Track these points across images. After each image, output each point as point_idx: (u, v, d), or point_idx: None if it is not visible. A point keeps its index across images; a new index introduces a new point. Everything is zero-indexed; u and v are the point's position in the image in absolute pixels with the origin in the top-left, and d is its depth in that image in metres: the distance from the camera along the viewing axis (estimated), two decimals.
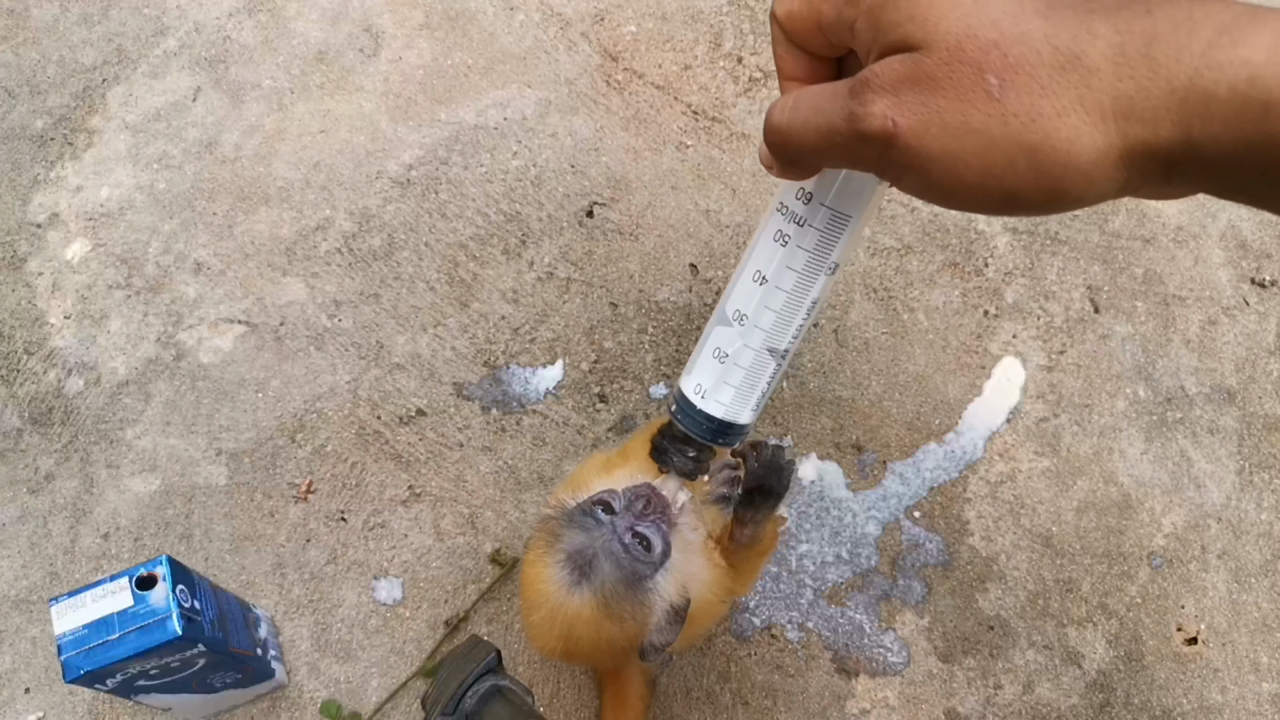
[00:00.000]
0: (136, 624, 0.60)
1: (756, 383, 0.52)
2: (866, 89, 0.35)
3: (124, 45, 1.42)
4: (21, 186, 1.34)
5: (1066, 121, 0.31)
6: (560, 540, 0.74)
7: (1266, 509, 1.22)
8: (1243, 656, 1.16)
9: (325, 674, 1.11)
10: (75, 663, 0.58)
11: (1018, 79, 0.31)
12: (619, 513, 0.75)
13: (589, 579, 0.72)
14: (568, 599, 0.72)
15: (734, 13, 1.45)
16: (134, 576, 0.62)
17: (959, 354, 1.27)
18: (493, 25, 1.43)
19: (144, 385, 1.22)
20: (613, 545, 0.73)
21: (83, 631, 0.59)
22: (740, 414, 0.53)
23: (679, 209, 1.33)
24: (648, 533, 0.74)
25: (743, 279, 0.50)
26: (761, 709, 1.12)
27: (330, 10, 1.44)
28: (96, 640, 0.59)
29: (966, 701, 1.13)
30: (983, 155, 0.32)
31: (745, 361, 0.51)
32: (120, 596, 0.61)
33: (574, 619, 0.73)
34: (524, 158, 1.35)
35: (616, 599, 0.73)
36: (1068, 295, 1.30)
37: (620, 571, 0.72)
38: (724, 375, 0.52)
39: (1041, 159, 0.32)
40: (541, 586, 0.74)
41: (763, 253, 0.49)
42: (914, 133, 0.33)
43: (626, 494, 0.76)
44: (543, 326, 1.26)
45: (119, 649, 0.59)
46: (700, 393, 0.53)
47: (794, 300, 0.49)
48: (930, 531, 1.19)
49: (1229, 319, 1.30)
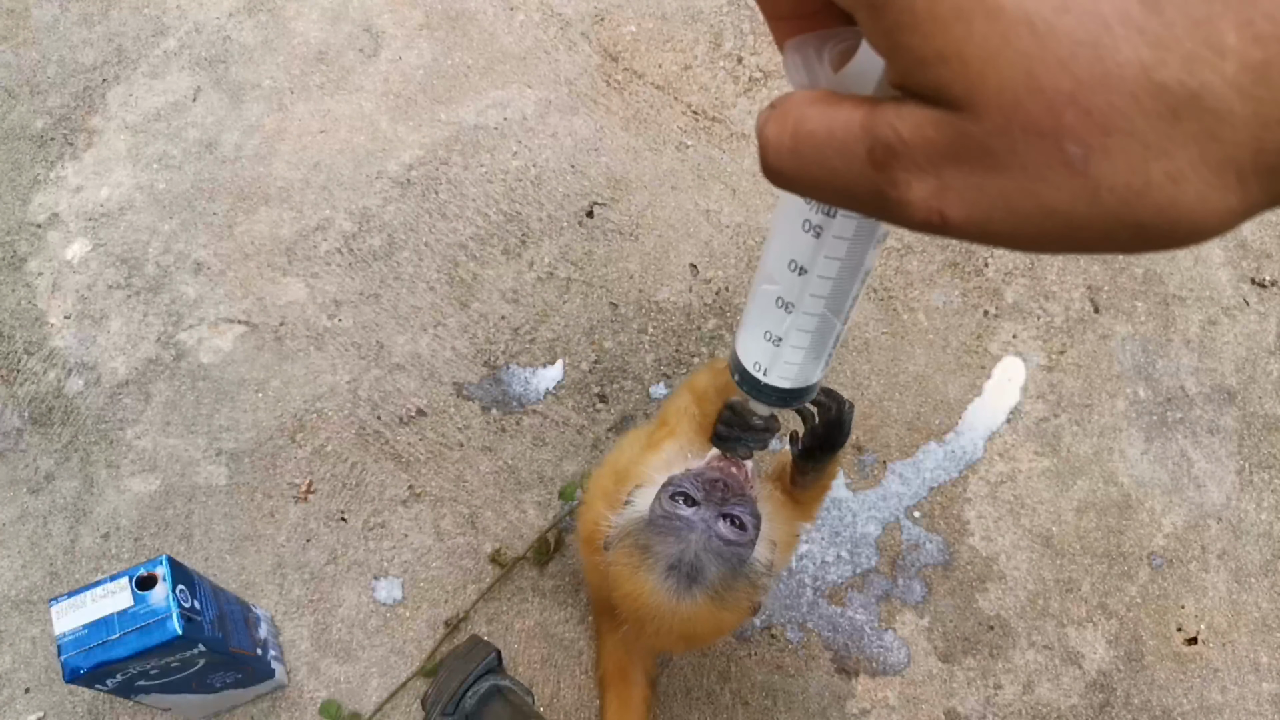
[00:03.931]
0: (136, 624, 0.60)
1: (820, 351, 0.49)
2: (894, 162, 0.26)
3: (124, 45, 1.42)
4: (21, 186, 1.34)
5: (1186, 189, 0.23)
6: (653, 549, 0.71)
7: (1266, 509, 1.22)
8: (1243, 656, 1.16)
9: (325, 674, 1.11)
10: (75, 662, 0.57)
11: (1109, 142, 0.22)
12: (701, 503, 0.72)
13: (699, 581, 0.70)
14: (681, 606, 0.71)
15: (734, 13, 1.45)
16: (134, 576, 0.62)
17: (959, 354, 1.27)
18: (493, 25, 1.43)
19: (144, 385, 1.22)
20: (711, 542, 0.71)
21: (83, 631, 0.59)
22: (810, 377, 0.50)
23: (679, 209, 1.32)
24: (737, 513, 0.72)
25: (777, 262, 0.46)
26: (761, 709, 1.12)
27: (330, 10, 1.44)
28: (96, 640, 0.58)
29: (966, 701, 1.13)
30: (1068, 236, 0.25)
31: (802, 342, 0.48)
32: (120, 597, 0.61)
33: (692, 620, 0.72)
34: (524, 158, 1.35)
35: (730, 589, 0.71)
36: (1068, 295, 1.30)
37: (727, 564, 0.71)
38: (781, 355, 0.49)
39: (1151, 232, 0.24)
40: (650, 600, 0.71)
41: (793, 241, 0.44)
42: (971, 222, 0.25)
43: (701, 481, 0.73)
44: (543, 326, 1.26)
45: (119, 649, 0.59)
46: (761, 370, 0.50)
47: (842, 283, 0.45)
48: (930, 531, 1.19)
49: (1229, 319, 1.30)
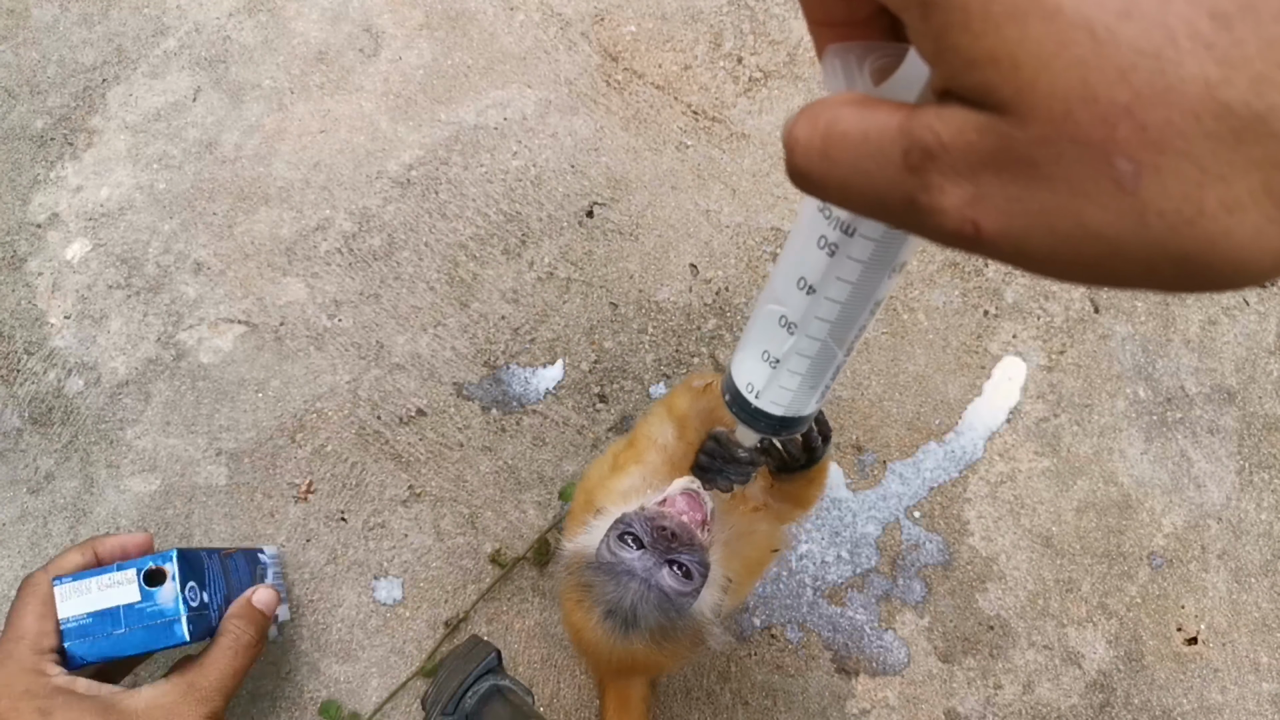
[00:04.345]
0: (143, 622, 0.59)
1: (818, 381, 0.46)
2: (931, 166, 0.24)
3: (124, 45, 1.42)
4: (21, 186, 1.34)
5: (1242, 220, 0.21)
6: (594, 590, 0.71)
7: (1266, 509, 1.22)
8: (1243, 656, 1.16)
9: (325, 674, 1.11)
10: (79, 651, 0.57)
11: (1163, 161, 0.21)
12: (647, 546, 0.71)
13: (635, 627, 0.70)
14: (619, 646, 0.71)
15: (734, 13, 1.45)
16: (142, 570, 0.61)
17: (959, 354, 1.27)
18: (493, 25, 1.43)
19: (144, 385, 1.22)
20: (650, 592, 0.70)
21: (87, 620, 0.57)
22: (803, 409, 0.47)
23: (679, 209, 1.32)
24: (683, 560, 0.71)
25: (786, 280, 0.42)
26: (761, 709, 1.12)
27: (330, 10, 1.44)
28: (101, 632, 0.57)
29: (966, 701, 1.13)
30: (1107, 263, 0.23)
31: (800, 368, 0.45)
32: (127, 589, 0.59)
33: (631, 658, 0.72)
34: (524, 158, 1.35)
35: (668, 635, 0.71)
36: (1068, 295, 1.30)
37: (665, 614, 0.70)
38: (777, 379, 0.46)
39: (1197, 267, 0.22)
40: (589, 637, 0.72)
41: (806, 257, 0.41)
42: (1005, 237, 0.24)
43: (650, 526, 0.71)
44: (543, 326, 1.26)
45: (124, 645, 0.58)
46: (753, 392, 0.47)
47: (850, 310, 0.42)
48: (930, 531, 1.19)
49: (1229, 319, 1.30)
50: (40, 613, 0.58)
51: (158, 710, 0.53)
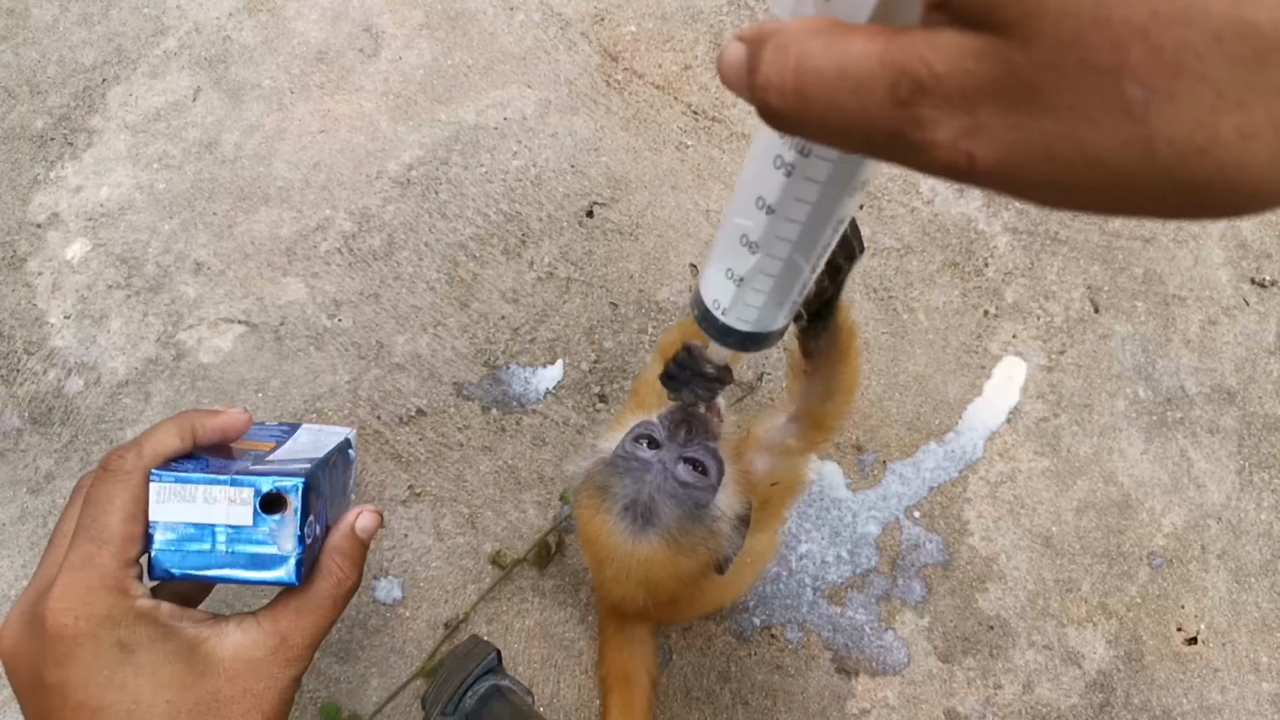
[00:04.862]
0: (248, 549, 0.49)
1: (784, 298, 0.45)
2: (922, 99, 0.23)
3: (124, 45, 1.42)
4: (21, 186, 1.34)
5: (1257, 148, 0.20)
6: (611, 489, 0.70)
7: (1266, 509, 1.22)
8: (1243, 656, 1.16)
9: (325, 673, 1.11)
10: (166, 563, 0.47)
11: (1177, 86, 0.19)
12: (664, 444, 0.71)
13: (653, 523, 0.69)
14: (637, 548, 0.69)
15: (734, 13, 1.45)
16: (261, 494, 0.50)
17: (959, 354, 1.27)
18: (493, 25, 1.43)
19: (144, 385, 1.22)
20: (667, 483, 0.69)
21: (184, 530, 0.48)
22: (770, 325, 0.46)
23: (679, 209, 1.32)
24: (699, 456, 0.70)
25: (745, 199, 0.41)
26: (761, 709, 1.12)
27: (330, 10, 1.44)
28: (196, 545, 0.48)
29: (966, 701, 1.13)
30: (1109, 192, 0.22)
31: (764, 286, 0.44)
32: (238, 510, 0.49)
33: (648, 564, 0.70)
34: (524, 158, 1.35)
35: (685, 534, 0.70)
36: (1068, 295, 1.30)
37: (682, 507, 0.69)
38: (742, 296, 0.45)
39: (1206, 195, 0.21)
40: (606, 541, 0.70)
41: (763, 178, 0.39)
42: (1001, 167, 0.23)
43: (665, 421, 0.72)
44: (543, 326, 1.26)
45: (220, 569, 0.48)
46: (720, 309, 0.46)
47: (811, 230, 0.41)
48: (930, 531, 1.19)
49: (1229, 319, 1.30)
50: (130, 513, 0.46)
51: (243, 665, 0.45)
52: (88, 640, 0.43)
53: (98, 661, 0.43)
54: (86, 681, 0.42)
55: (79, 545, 0.45)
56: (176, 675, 0.44)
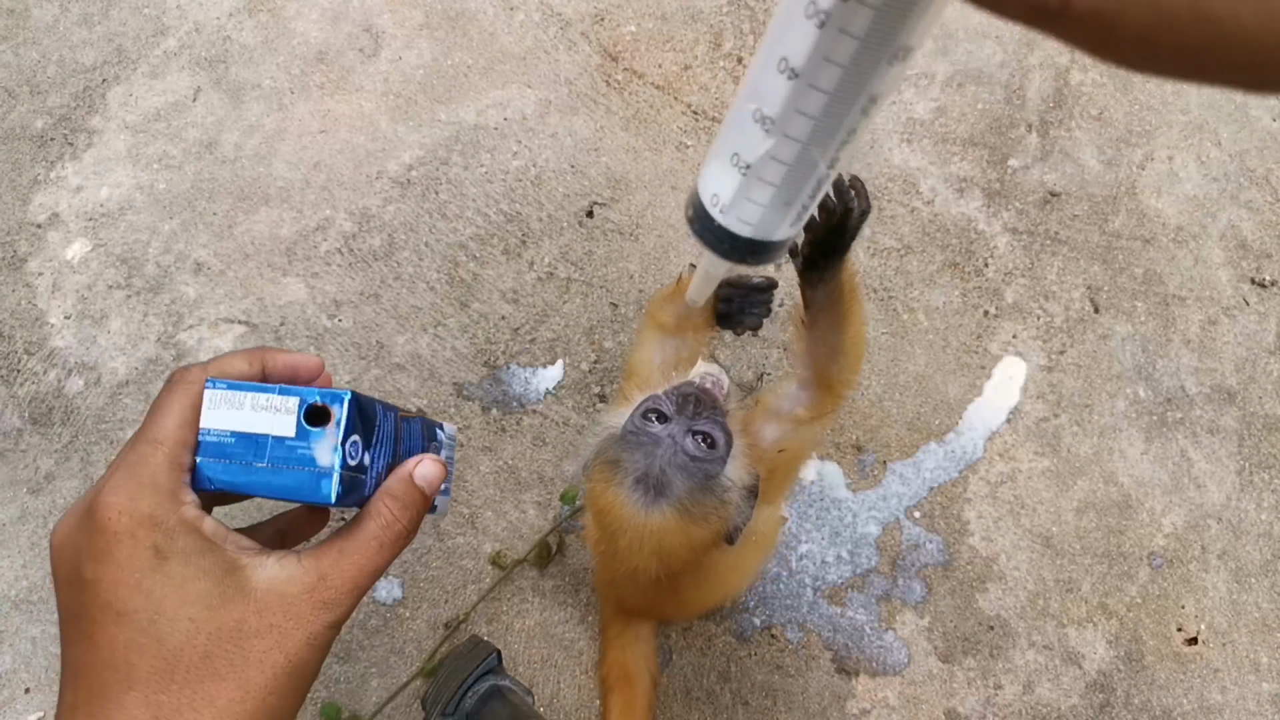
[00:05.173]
0: (289, 464, 0.48)
1: (792, 198, 0.38)
2: None
3: (124, 45, 1.42)
4: (21, 186, 1.33)
5: None
6: (622, 463, 0.72)
7: (1266, 509, 1.22)
8: (1243, 656, 1.16)
9: (325, 673, 1.11)
10: (209, 472, 0.46)
11: None
12: (672, 418, 0.73)
13: (665, 495, 0.70)
14: (649, 518, 0.71)
15: (734, 13, 1.45)
16: (306, 403, 0.48)
17: (959, 354, 1.27)
18: (493, 25, 1.43)
19: (144, 385, 1.22)
20: (677, 456, 0.71)
21: (229, 439, 0.47)
22: (774, 232, 0.40)
23: (679, 209, 1.32)
24: (707, 429, 0.72)
25: (764, 65, 0.35)
26: (761, 709, 1.12)
27: (330, 10, 1.44)
28: (240, 458, 0.47)
29: (966, 701, 1.13)
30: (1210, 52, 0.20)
31: (774, 176, 0.38)
32: (283, 419, 0.48)
33: (660, 533, 0.71)
34: (524, 158, 1.35)
35: (696, 504, 0.71)
36: (1068, 295, 1.30)
37: (693, 479, 0.71)
38: (746, 190, 0.39)
39: None
40: (619, 513, 0.72)
41: (790, 31, 0.34)
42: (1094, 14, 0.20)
43: (672, 396, 0.74)
44: (543, 326, 1.26)
45: (259, 482, 0.47)
46: (718, 205, 0.40)
47: (838, 104, 0.35)
48: (930, 531, 1.19)
49: (1229, 319, 1.30)
50: (187, 419, 0.45)
51: (274, 599, 0.43)
52: (127, 538, 0.41)
53: (132, 562, 0.41)
54: (117, 581, 0.41)
55: (136, 445, 0.44)
56: (204, 594, 0.42)
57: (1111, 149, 1.37)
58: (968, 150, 1.36)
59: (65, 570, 0.42)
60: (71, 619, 0.41)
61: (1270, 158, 1.38)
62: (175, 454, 0.45)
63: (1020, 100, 1.39)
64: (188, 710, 0.40)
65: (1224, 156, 1.38)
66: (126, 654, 0.40)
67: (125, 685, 0.39)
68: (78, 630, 0.41)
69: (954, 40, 1.42)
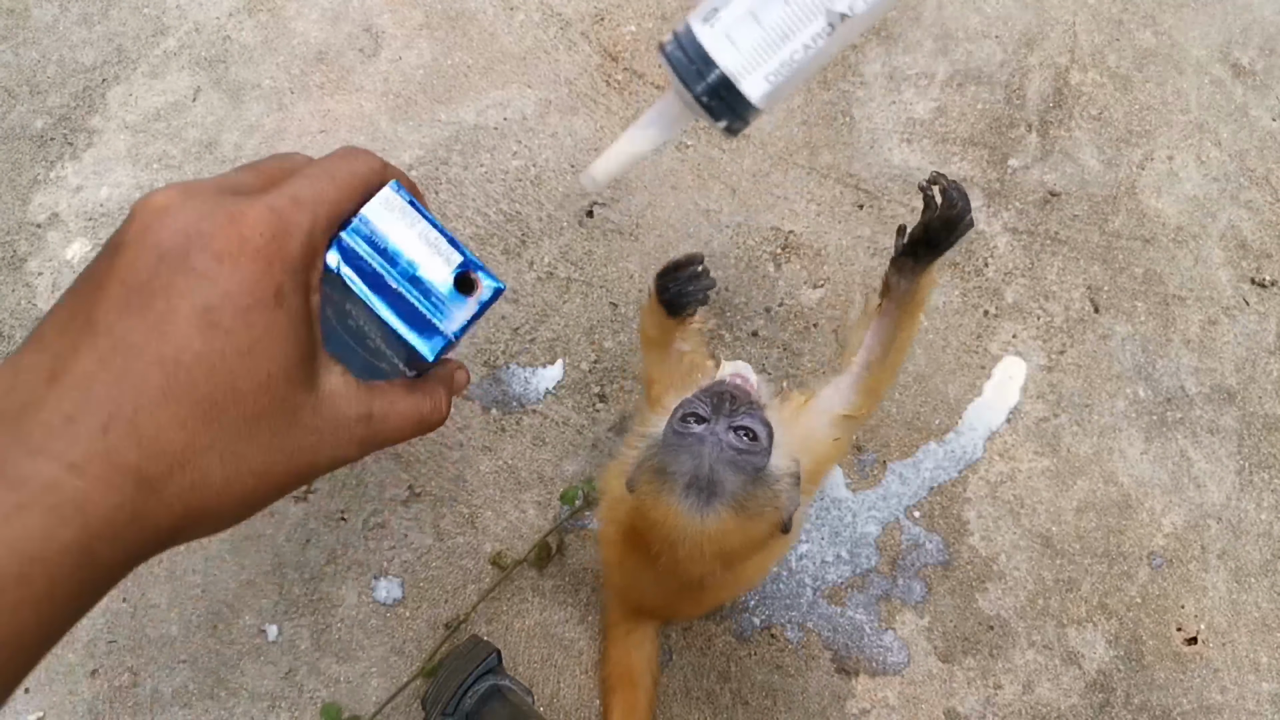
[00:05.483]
0: (414, 301, 0.44)
1: (789, 37, 0.37)
2: None
3: (124, 45, 1.42)
4: (21, 186, 1.34)
5: None
6: (669, 470, 0.72)
7: (1266, 509, 1.22)
8: (1243, 656, 1.16)
9: (325, 673, 1.11)
10: (347, 252, 0.42)
11: None
12: (710, 418, 0.73)
13: (718, 494, 0.70)
14: (706, 522, 0.71)
15: None
16: (466, 265, 0.45)
17: (959, 354, 1.27)
18: (493, 25, 1.43)
19: None
20: (724, 453, 0.71)
21: (380, 244, 0.43)
22: (750, 73, 0.38)
23: (679, 209, 1.32)
24: (748, 423, 0.73)
25: None
26: (761, 709, 1.12)
27: (330, 10, 1.44)
28: (375, 267, 0.43)
29: (966, 701, 1.13)
30: None
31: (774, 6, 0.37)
32: (437, 265, 0.45)
33: (720, 535, 0.71)
34: (524, 158, 1.35)
35: (751, 499, 0.71)
36: (1068, 295, 1.30)
37: (743, 473, 0.71)
38: (758, 6, 0.37)
39: None
40: (675, 521, 0.71)
41: None
42: None
43: (707, 398, 0.74)
44: (543, 326, 1.26)
45: (385, 294, 0.44)
46: (712, 19, 0.37)
47: None
48: (930, 531, 1.19)
49: (1229, 319, 1.30)
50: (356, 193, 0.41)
51: (329, 409, 0.39)
52: (261, 261, 0.35)
53: (252, 288, 0.34)
54: (228, 294, 0.34)
55: (312, 180, 0.39)
56: (288, 360, 0.37)
57: (1111, 149, 1.37)
58: (968, 150, 1.36)
59: (163, 239, 0.34)
60: (130, 287, 0.34)
61: (1270, 158, 1.38)
62: (335, 217, 0.40)
63: (1020, 100, 1.39)
64: (221, 453, 0.35)
65: (1224, 156, 1.38)
66: (192, 365, 0.34)
67: (165, 392, 0.33)
68: (135, 300, 0.33)
69: (954, 40, 1.42)
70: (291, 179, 0.38)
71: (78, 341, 0.33)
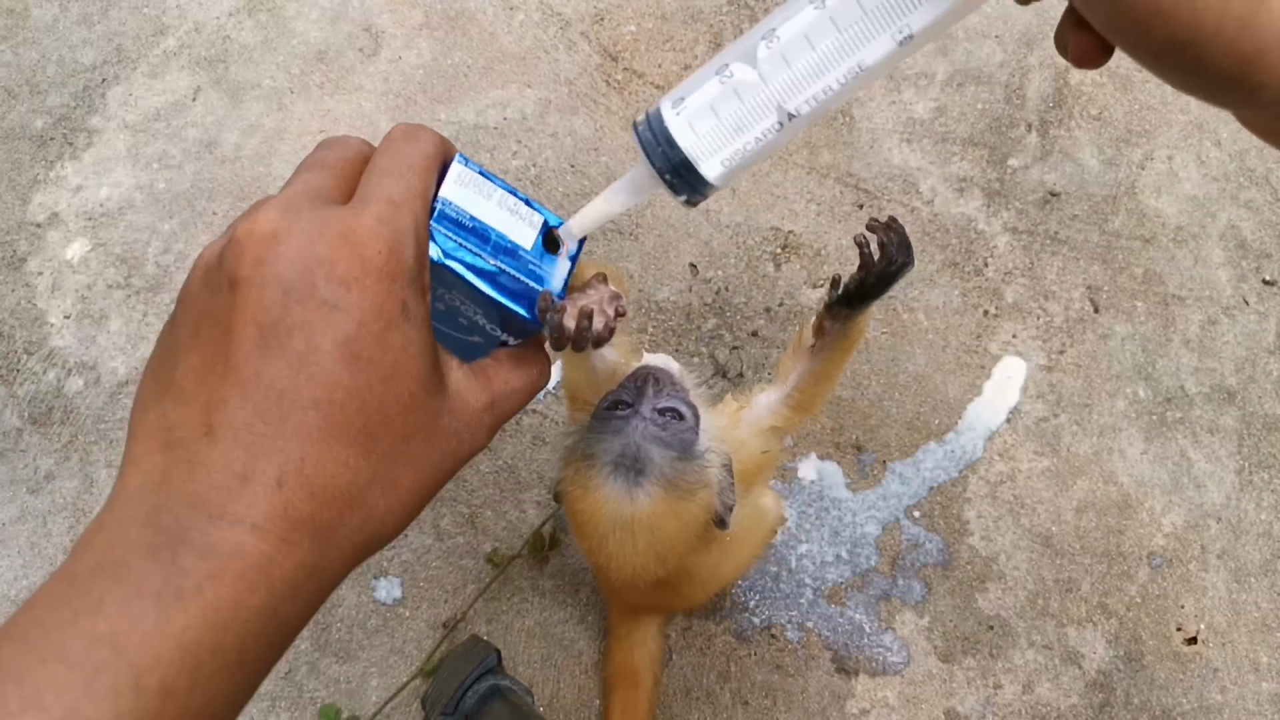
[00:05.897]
0: (510, 270, 0.44)
1: (743, 129, 0.41)
2: None
3: (124, 45, 1.42)
4: (21, 186, 1.34)
5: None
6: (597, 454, 0.71)
7: (1266, 509, 1.22)
8: (1242, 656, 1.16)
9: (325, 674, 1.11)
10: (444, 244, 0.42)
11: None
12: (634, 403, 0.73)
13: (646, 472, 0.69)
14: (635, 502, 0.69)
15: (734, 13, 1.45)
16: (549, 226, 0.46)
17: (959, 354, 1.27)
18: (493, 25, 1.43)
19: None
20: (649, 430, 0.71)
21: (466, 220, 0.43)
22: (708, 158, 0.42)
23: (679, 209, 1.32)
24: (673, 404, 0.73)
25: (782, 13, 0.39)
26: (761, 709, 1.12)
27: (330, 10, 1.44)
28: (464, 243, 0.43)
29: (966, 701, 1.13)
30: None
31: (747, 97, 0.40)
32: (522, 230, 0.45)
33: (650, 518, 0.70)
34: (524, 157, 1.35)
35: (679, 474, 0.70)
36: (1068, 295, 1.30)
37: (669, 448, 0.70)
38: (717, 101, 0.41)
39: None
40: (605, 506, 0.70)
41: None
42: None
43: (630, 385, 0.74)
44: None
45: (484, 273, 0.43)
46: (679, 107, 0.41)
47: (826, 63, 0.38)
48: (930, 531, 1.19)
49: (1229, 319, 1.30)
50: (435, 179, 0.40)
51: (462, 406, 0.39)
52: (386, 280, 0.34)
53: (381, 309, 0.34)
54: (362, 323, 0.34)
55: (399, 175, 0.38)
56: (424, 373, 0.36)
57: (1111, 149, 1.37)
58: (967, 150, 1.36)
59: (282, 271, 0.33)
60: (263, 327, 0.33)
61: (1270, 158, 1.38)
62: (427, 209, 0.39)
63: (1020, 100, 1.39)
64: (382, 483, 0.35)
65: (1224, 156, 1.38)
66: (345, 402, 0.33)
67: (325, 434, 0.33)
68: (272, 340, 0.33)
69: (954, 40, 1.42)
70: (375, 179, 0.38)
71: (223, 391, 0.32)
